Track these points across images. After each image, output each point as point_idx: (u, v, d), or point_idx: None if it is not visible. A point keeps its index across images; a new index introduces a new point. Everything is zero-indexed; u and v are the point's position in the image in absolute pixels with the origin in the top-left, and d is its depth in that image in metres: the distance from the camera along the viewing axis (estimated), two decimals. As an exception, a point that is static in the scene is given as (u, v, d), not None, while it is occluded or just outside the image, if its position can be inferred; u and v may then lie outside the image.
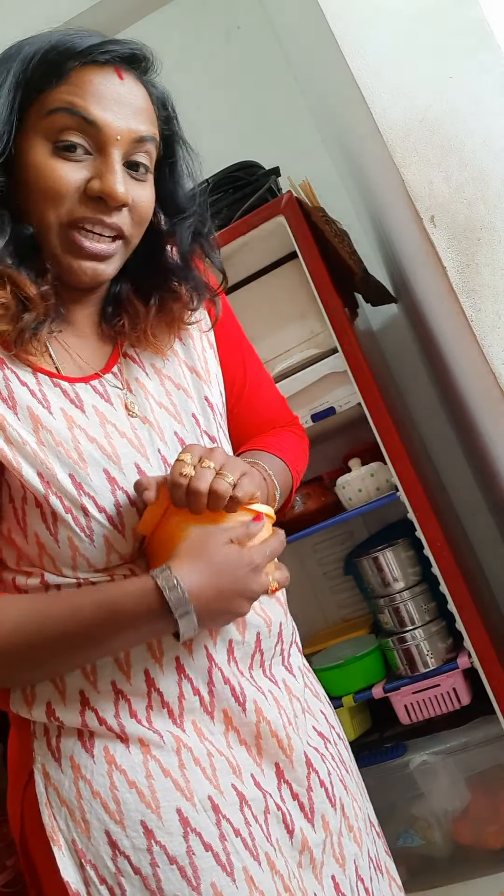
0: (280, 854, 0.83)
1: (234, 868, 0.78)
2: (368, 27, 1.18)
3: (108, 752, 0.80)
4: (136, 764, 0.79)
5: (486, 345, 1.11)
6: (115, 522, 0.80)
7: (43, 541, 0.79)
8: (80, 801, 0.78)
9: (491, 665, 1.47)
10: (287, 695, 0.91)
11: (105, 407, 0.84)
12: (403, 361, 2.08)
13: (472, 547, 2.00)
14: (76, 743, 0.80)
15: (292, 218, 1.58)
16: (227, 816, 0.80)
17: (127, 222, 0.82)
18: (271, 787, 0.85)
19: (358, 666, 1.63)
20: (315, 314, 1.61)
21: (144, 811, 0.78)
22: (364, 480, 1.64)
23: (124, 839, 0.77)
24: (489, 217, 1.10)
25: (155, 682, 0.81)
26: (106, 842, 0.77)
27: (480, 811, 1.66)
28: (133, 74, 0.82)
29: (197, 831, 0.78)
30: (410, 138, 1.14)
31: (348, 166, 1.83)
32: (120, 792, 0.78)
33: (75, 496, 0.78)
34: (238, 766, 0.83)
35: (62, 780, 0.80)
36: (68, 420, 0.81)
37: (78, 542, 0.79)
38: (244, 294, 1.68)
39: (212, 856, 0.78)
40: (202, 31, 2.24)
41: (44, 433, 0.79)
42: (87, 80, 0.78)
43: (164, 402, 0.90)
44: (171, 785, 0.79)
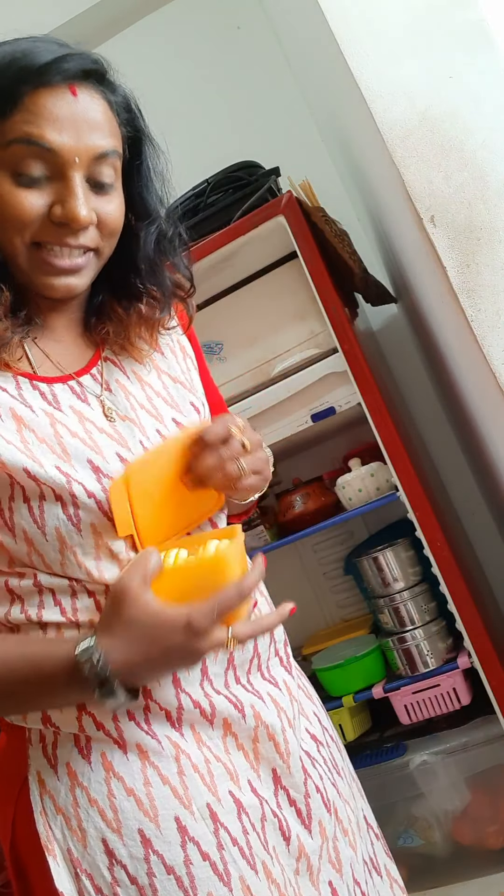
0: (276, 862, 0.82)
1: (231, 878, 0.77)
2: (368, 27, 1.18)
3: (105, 758, 0.78)
4: (134, 771, 0.78)
5: (486, 345, 1.11)
6: (103, 508, 0.79)
7: (31, 536, 0.78)
8: (77, 810, 0.77)
9: (491, 665, 1.47)
10: (287, 695, 0.90)
11: (82, 406, 0.85)
12: (403, 361, 2.08)
13: (472, 547, 2.00)
14: (73, 749, 0.79)
15: (292, 218, 1.58)
16: (225, 825, 0.79)
17: (95, 237, 0.82)
18: (268, 793, 0.84)
19: (358, 666, 1.63)
20: (315, 314, 1.61)
21: (142, 819, 0.77)
22: (364, 480, 1.64)
23: (121, 848, 0.76)
24: (489, 217, 1.10)
25: (152, 693, 0.80)
26: (102, 850, 0.76)
27: (480, 811, 1.66)
28: (88, 87, 0.81)
29: (195, 840, 0.77)
30: (410, 138, 1.14)
31: (348, 166, 1.83)
32: (118, 800, 0.77)
33: (63, 485, 0.77)
34: (235, 771, 0.82)
35: (58, 787, 0.78)
36: (49, 418, 0.81)
37: (65, 532, 0.78)
38: (244, 294, 1.68)
39: (209, 865, 0.77)
40: (202, 31, 2.24)
41: (27, 432, 0.79)
42: (41, 104, 0.77)
43: (146, 404, 0.91)
44: (169, 792, 0.78)
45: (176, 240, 0.95)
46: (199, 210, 1.71)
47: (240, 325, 1.68)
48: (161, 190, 0.92)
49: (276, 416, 1.67)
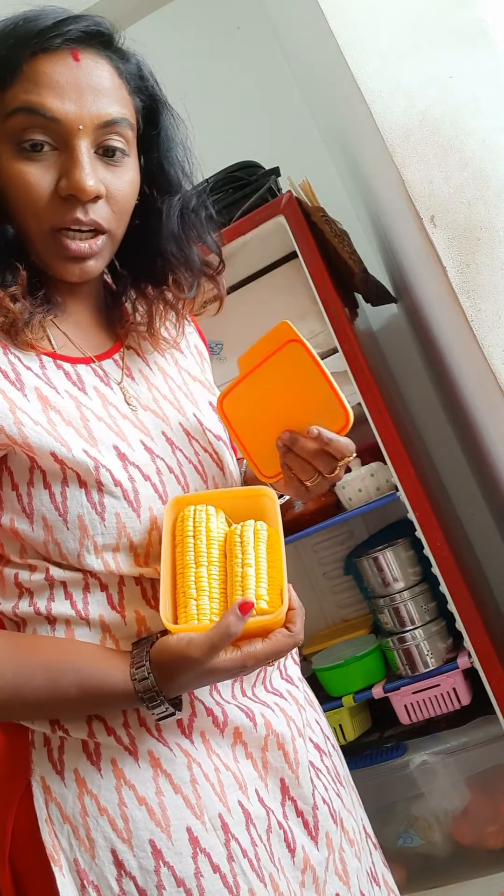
0: (283, 875, 0.80)
1: (240, 891, 0.75)
2: (368, 27, 1.18)
3: (116, 765, 0.76)
4: (146, 779, 0.76)
5: (486, 345, 1.11)
6: (129, 498, 0.77)
7: (51, 524, 0.75)
8: (86, 818, 0.74)
9: (491, 665, 1.47)
10: (294, 705, 0.89)
11: (105, 389, 0.83)
12: (403, 361, 2.08)
13: (472, 547, 2.00)
14: (81, 755, 0.76)
15: (292, 218, 1.58)
16: (236, 836, 0.77)
17: (105, 215, 0.78)
18: (274, 803, 0.83)
19: (358, 666, 1.63)
20: (315, 314, 1.61)
21: (154, 830, 0.74)
22: (364, 480, 1.64)
23: (131, 859, 0.73)
24: (489, 217, 1.10)
25: None
26: (111, 861, 0.73)
27: (480, 811, 1.66)
28: (93, 52, 0.77)
29: (206, 852, 0.75)
30: (410, 138, 1.14)
31: (348, 166, 1.83)
32: (129, 809, 0.74)
33: (90, 470, 0.75)
34: (244, 780, 0.81)
35: (65, 794, 0.75)
36: (74, 400, 0.79)
37: (88, 520, 0.75)
38: (244, 294, 1.68)
39: (219, 878, 0.74)
40: (202, 31, 2.24)
41: (53, 413, 0.77)
42: (40, 71, 0.73)
43: (168, 396, 0.89)
44: (181, 802, 0.76)
45: (202, 212, 0.90)
46: (199, 210, 1.71)
47: (240, 325, 1.68)
48: (184, 160, 0.88)
49: (276, 416, 1.67)
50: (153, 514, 0.80)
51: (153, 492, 0.80)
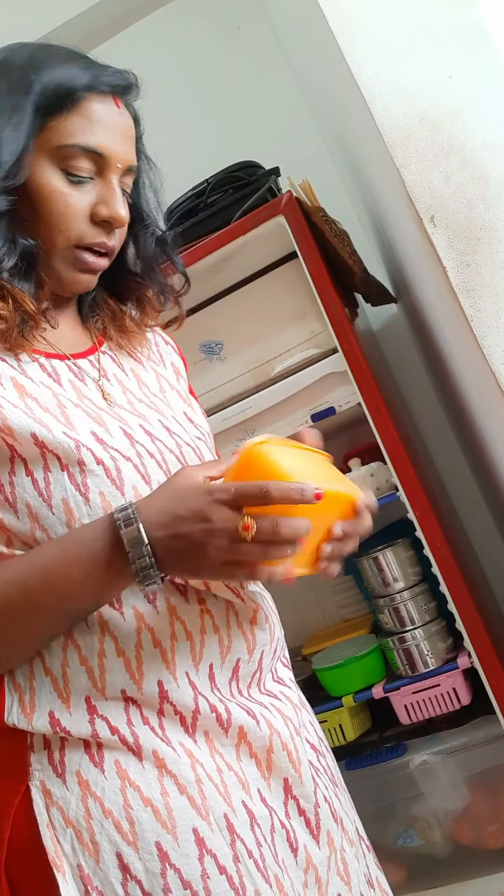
0: (286, 875, 0.80)
1: (246, 891, 0.74)
2: (368, 27, 1.18)
3: (119, 766, 0.75)
4: (150, 780, 0.75)
5: (486, 345, 1.11)
6: (111, 476, 0.78)
7: (35, 511, 0.76)
8: (90, 822, 0.73)
9: (491, 665, 1.47)
10: (289, 704, 0.89)
11: (80, 384, 0.86)
12: (403, 361, 2.08)
13: (472, 547, 2.00)
14: (83, 756, 0.75)
15: (292, 218, 1.58)
16: (242, 836, 0.76)
17: (118, 240, 0.90)
18: (276, 802, 0.82)
19: (358, 666, 1.63)
20: (315, 314, 1.61)
21: (160, 832, 0.73)
22: (364, 480, 1.64)
23: (137, 862, 0.72)
24: (489, 217, 1.10)
25: (169, 694, 0.78)
26: (116, 865, 0.72)
27: (480, 811, 1.66)
28: (124, 102, 0.89)
29: (212, 853, 0.74)
30: (410, 138, 1.14)
31: (348, 166, 1.83)
32: (134, 811, 0.73)
33: (72, 450, 0.76)
34: (246, 780, 0.80)
35: (68, 798, 0.74)
36: (50, 390, 0.82)
37: (73, 503, 0.76)
38: (244, 294, 1.68)
39: (226, 879, 0.74)
40: (202, 31, 2.24)
41: (30, 400, 0.79)
42: (95, 111, 0.84)
43: (144, 400, 0.91)
44: (186, 803, 0.75)
45: (169, 241, 1.01)
46: (199, 210, 1.71)
47: (240, 325, 1.68)
48: (155, 200, 0.99)
49: (276, 416, 1.67)
50: (137, 492, 0.79)
51: (135, 472, 0.80)
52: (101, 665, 0.76)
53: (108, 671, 0.76)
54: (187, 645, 0.79)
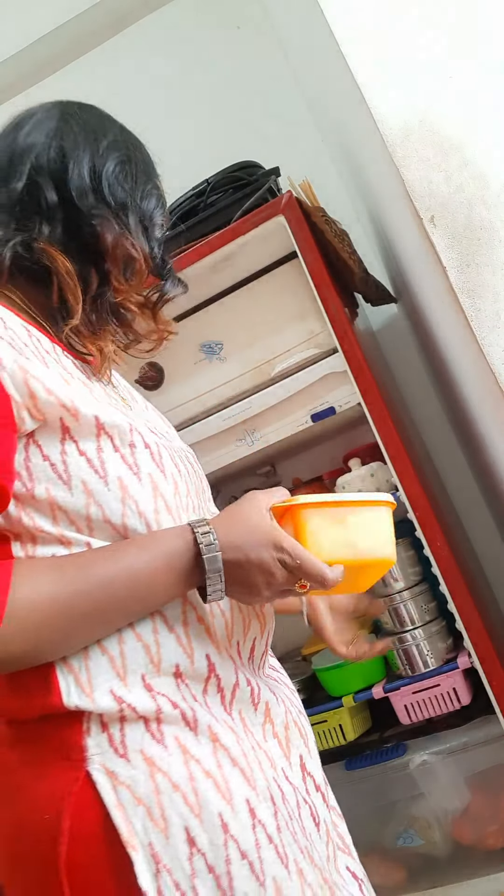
0: (315, 848, 0.83)
1: (288, 861, 0.77)
2: (368, 27, 1.18)
3: (179, 741, 0.76)
4: (207, 753, 0.77)
5: (486, 345, 1.11)
6: (155, 460, 0.84)
7: (91, 487, 0.79)
8: (160, 797, 0.74)
9: (491, 665, 1.47)
10: (287, 688, 0.95)
11: (107, 390, 0.92)
12: (403, 361, 2.08)
13: (472, 547, 2.00)
14: (144, 734, 0.76)
15: (292, 218, 1.58)
16: (279, 808, 0.79)
17: None
18: (297, 780, 0.86)
19: (358, 666, 1.63)
20: (315, 314, 1.61)
21: (220, 803, 0.75)
22: (364, 480, 1.64)
23: (202, 835, 0.74)
24: (489, 217, 1.10)
25: (216, 667, 0.81)
26: (184, 840, 0.73)
27: (480, 811, 1.66)
28: None
29: (262, 823, 0.77)
30: (410, 138, 1.14)
31: (348, 166, 1.83)
32: (198, 782, 0.75)
33: (126, 433, 0.82)
34: (273, 759, 0.83)
35: (135, 776, 0.74)
36: (86, 387, 0.86)
37: (127, 481, 0.80)
38: (244, 294, 1.68)
39: (273, 848, 0.76)
40: (202, 31, 2.24)
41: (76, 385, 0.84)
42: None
43: (150, 417, 1.00)
44: (239, 774, 0.77)
45: None
46: (199, 210, 1.71)
47: (240, 325, 1.68)
48: None
49: (276, 416, 1.67)
50: (174, 480, 0.86)
51: (170, 460, 0.87)
52: (156, 641, 0.79)
53: (162, 647, 0.79)
54: (222, 622, 0.83)
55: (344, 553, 0.82)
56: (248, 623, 0.87)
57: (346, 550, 0.83)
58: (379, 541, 0.87)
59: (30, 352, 0.79)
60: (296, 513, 0.82)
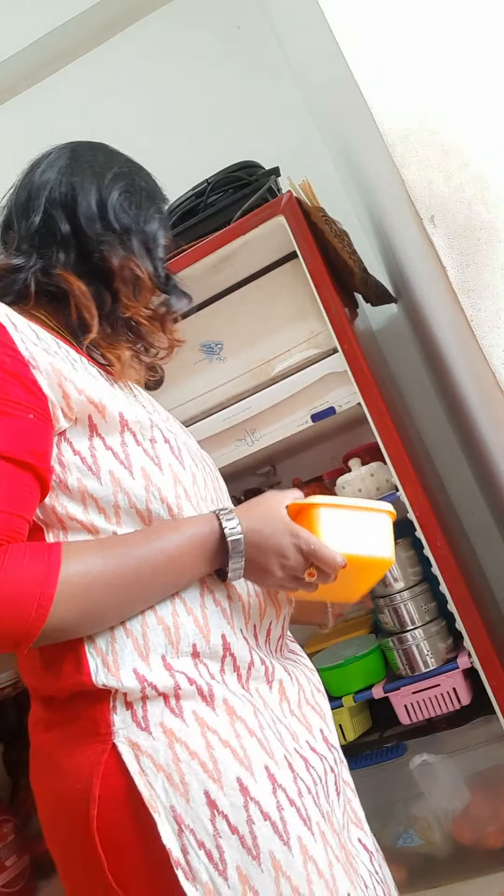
0: (335, 815, 0.90)
1: (311, 822, 0.83)
2: (368, 27, 1.18)
3: (197, 715, 0.83)
4: (224, 724, 0.83)
5: (486, 345, 1.11)
6: (174, 452, 0.93)
7: (118, 476, 0.87)
8: (178, 765, 0.80)
9: (491, 665, 1.47)
10: (306, 668, 1.02)
11: (125, 392, 0.99)
12: (403, 361, 2.08)
13: (472, 547, 2.00)
14: (164, 710, 0.83)
15: (292, 218, 1.58)
16: (300, 775, 0.86)
17: None
18: (324, 750, 0.93)
19: (358, 666, 1.63)
20: (315, 314, 1.61)
21: (238, 768, 0.81)
22: (364, 480, 1.64)
23: (222, 798, 0.80)
24: (489, 217, 1.10)
25: (231, 646, 0.88)
26: (205, 803, 0.80)
27: (480, 811, 1.66)
28: None
29: (282, 787, 0.83)
30: (410, 138, 1.14)
31: (348, 166, 1.83)
32: (216, 751, 0.81)
33: (147, 428, 0.91)
34: (295, 733, 0.90)
35: (156, 746, 0.81)
36: (110, 390, 0.94)
37: (150, 471, 0.88)
38: (244, 294, 1.68)
39: (295, 810, 0.83)
40: (202, 31, 2.24)
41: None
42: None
43: (162, 413, 1.06)
44: (256, 744, 0.84)
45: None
46: (199, 210, 1.71)
47: (240, 325, 1.68)
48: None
49: (276, 416, 1.67)
50: (192, 471, 0.94)
51: (188, 452, 0.96)
52: (175, 623, 0.86)
53: (181, 627, 0.86)
54: (239, 605, 0.91)
55: (351, 547, 0.90)
56: (264, 607, 0.94)
57: (353, 546, 0.90)
58: (381, 542, 0.95)
59: (61, 359, 0.88)
60: (311, 510, 0.91)
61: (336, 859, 0.84)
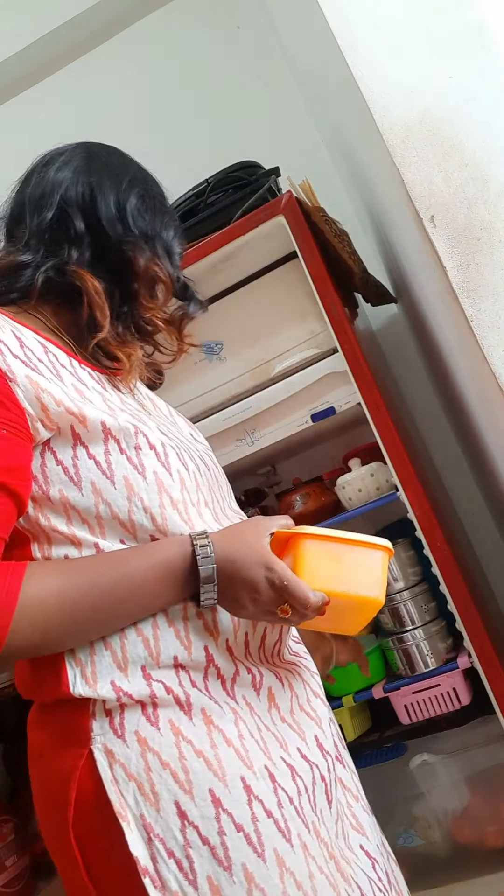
0: (323, 824, 0.88)
1: (291, 834, 0.82)
2: (368, 27, 1.18)
3: (173, 724, 0.83)
4: (201, 734, 0.83)
5: (486, 345, 1.11)
6: (161, 459, 0.89)
7: (99, 487, 0.86)
8: (150, 774, 0.80)
9: (491, 665, 1.47)
10: (307, 671, 1.00)
11: (119, 394, 0.97)
12: (403, 361, 2.08)
13: (472, 547, 2.00)
14: (140, 717, 0.83)
15: (292, 218, 1.58)
16: (283, 785, 0.84)
17: None
18: (317, 758, 0.91)
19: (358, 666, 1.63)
20: (315, 314, 1.61)
21: (212, 779, 0.81)
22: (364, 480, 1.64)
23: (193, 809, 0.80)
24: (489, 217, 1.10)
25: (214, 658, 0.86)
26: (175, 813, 0.79)
27: (480, 811, 1.66)
28: None
29: (259, 798, 0.82)
30: (410, 138, 1.14)
31: (348, 166, 1.83)
32: (188, 761, 0.81)
33: (131, 436, 0.88)
34: (284, 740, 0.89)
35: (129, 755, 0.81)
36: (100, 395, 0.92)
37: (133, 480, 0.86)
38: (244, 294, 1.68)
39: (273, 822, 0.82)
40: (202, 31, 2.24)
41: (87, 402, 0.89)
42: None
43: (161, 418, 1.03)
44: (233, 754, 0.83)
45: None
46: (199, 210, 1.71)
47: (240, 325, 1.68)
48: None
49: (276, 416, 1.67)
50: (180, 476, 0.91)
51: (178, 459, 0.92)
52: (155, 636, 0.85)
53: (161, 640, 0.85)
54: (226, 616, 0.88)
55: (334, 585, 0.85)
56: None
57: (336, 583, 0.86)
58: (369, 581, 0.89)
59: (44, 367, 0.87)
60: (297, 541, 0.87)
61: (319, 871, 0.84)
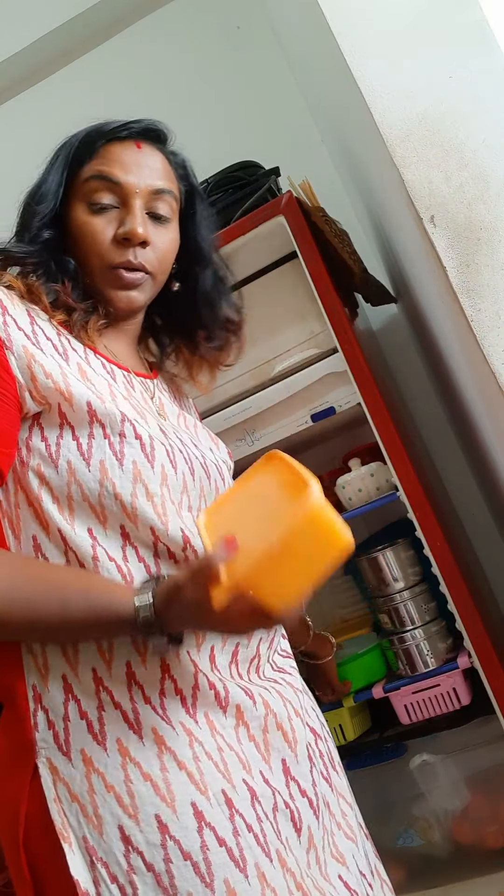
0: (290, 852, 0.83)
1: (247, 864, 0.78)
2: (368, 27, 1.18)
3: (121, 744, 0.79)
4: (150, 756, 0.79)
5: (486, 345, 1.11)
6: (146, 451, 0.88)
7: (74, 466, 0.85)
8: (93, 796, 0.77)
9: (491, 665, 1.47)
10: (290, 688, 0.94)
11: (130, 389, 0.97)
12: (403, 361, 2.08)
13: (472, 547, 2.00)
14: (87, 735, 0.80)
15: (292, 218, 1.58)
16: (241, 811, 0.80)
17: (150, 260, 0.99)
18: (279, 784, 0.86)
19: (357, 664, 1.63)
20: (315, 314, 1.61)
21: (159, 804, 0.77)
22: (364, 480, 1.64)
23: (138, 834, 0.76)
24: (489, 217, 1.10)
25: (170, 668, 0.82)
26: (119, 837, 0.76)
27: (480, 811, 1.66)
28: (151, 145, 1.02)
29: (211, 825, 0.78)
30: (410, 138, 1.14)
31: (348, 166, 1.84)
32: (134, 785, 0.78)
33: (117, 422, 0.87)
34: (247, 761, 0.84)
35: (73, 774, 0.78)
36: (106, 381, 0.92)
37: (108, 465, 0.86)
38: (244, 294, 1.67)
39: (225, 851, 0.77)
40: (202, 31, 2.24)
41: (88, 383, 0.89)
42: (112, 151, 0.98)
43: (189, 431, 1.03)
44: (185, 778, 0.79)
45: (228, 280, 1.16)
46: (199, 210, 1.71)
47: (240, 325, 1.68)
48: (213, 236, 1.13)
49: (276, 416, 1.67)
50: (164, 471, 0.89)
51: (165, 455, 0.90)
52: (109, 642, 0.82)
53: (115, 643, 0.82)
54: None
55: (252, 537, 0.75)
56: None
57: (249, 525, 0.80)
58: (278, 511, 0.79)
59: (49, 345, 0.88)
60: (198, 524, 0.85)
61: None
